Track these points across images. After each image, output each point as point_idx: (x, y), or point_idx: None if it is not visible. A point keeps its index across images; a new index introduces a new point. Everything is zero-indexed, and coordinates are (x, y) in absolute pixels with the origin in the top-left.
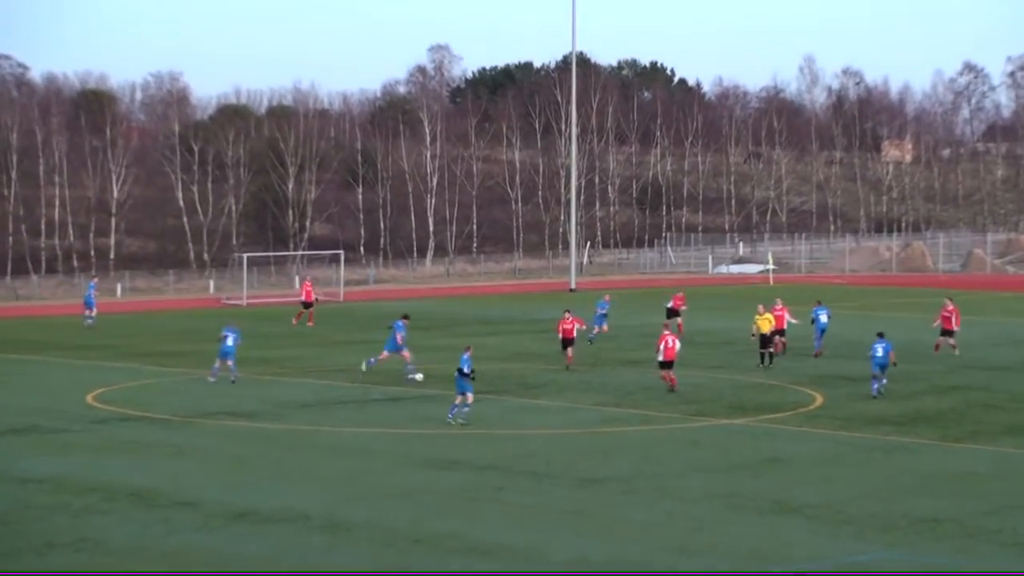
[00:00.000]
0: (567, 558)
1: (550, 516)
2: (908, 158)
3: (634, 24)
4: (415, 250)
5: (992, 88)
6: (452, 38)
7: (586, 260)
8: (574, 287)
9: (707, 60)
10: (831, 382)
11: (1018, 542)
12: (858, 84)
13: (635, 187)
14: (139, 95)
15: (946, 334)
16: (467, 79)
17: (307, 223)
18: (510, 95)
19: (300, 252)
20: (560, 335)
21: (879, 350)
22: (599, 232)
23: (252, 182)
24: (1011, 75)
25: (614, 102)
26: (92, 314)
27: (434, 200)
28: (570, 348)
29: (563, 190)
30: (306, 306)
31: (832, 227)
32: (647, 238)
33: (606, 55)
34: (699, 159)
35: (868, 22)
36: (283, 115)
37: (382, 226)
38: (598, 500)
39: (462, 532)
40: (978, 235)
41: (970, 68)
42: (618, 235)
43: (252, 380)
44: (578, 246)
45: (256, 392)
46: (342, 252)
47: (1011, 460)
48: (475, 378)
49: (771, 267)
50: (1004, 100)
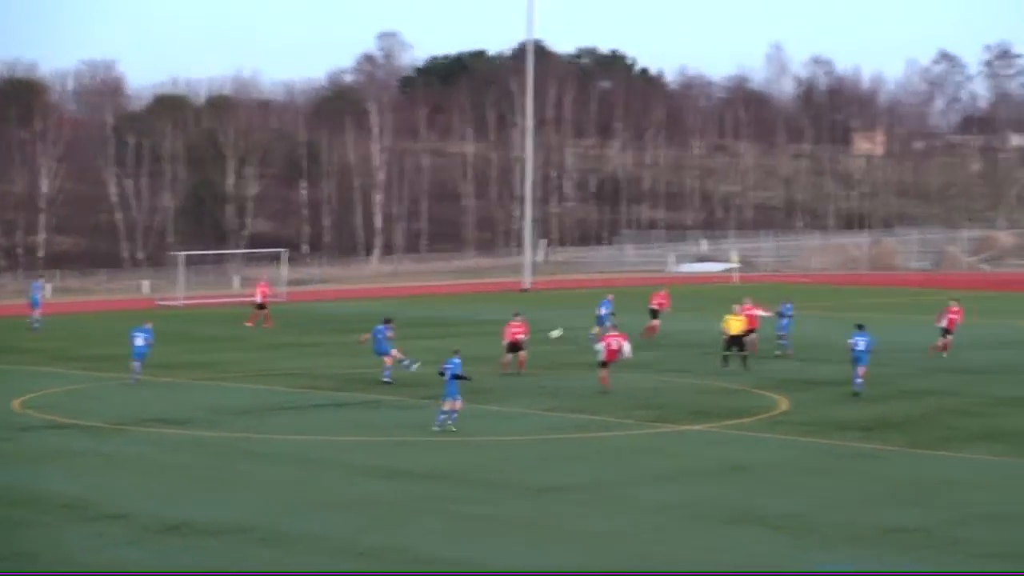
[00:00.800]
0: (522, 571)
1: (504, 527)
2: (880, 151)
3: (594, 11)
4: (361, 248)
5: (968, 78)
6: (402, 25)
7: (542, 258)
8: (528, 287)
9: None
10: (797, 386)
11: (988, 553)
12: (828, 74)
13: (592, 182)
14: (71, 84)
15: (946, 334)
16: (417, 68)
17: (248, 220)
18: (462, 85)
19: (240, 250)
20: (507, 339)
21: (860, 343)
22: (555, 229)
23: (190, 177)
24: (988, 64)
25: (572, 93)
26: (38, 315)
27: (381, 195)
28: (521, 352)
29: (518, 185)
30: (259, 307)
31: (800, 224)
32: (605, 235)
33: (564, 44)
34: (660, 152)
35: (839, 9)
36: (223, 106)
37: (326, 223)
38: (555, 510)
39: (410, 545)
40: (952, 232)
41: (945, 57)
42: (575, 232)
43: (187, 385)
44: (534, 244)
45: (191, 398)
46: (285, 251)
47: (983, 467)
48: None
49: (735, 266)
50: (981, 91)
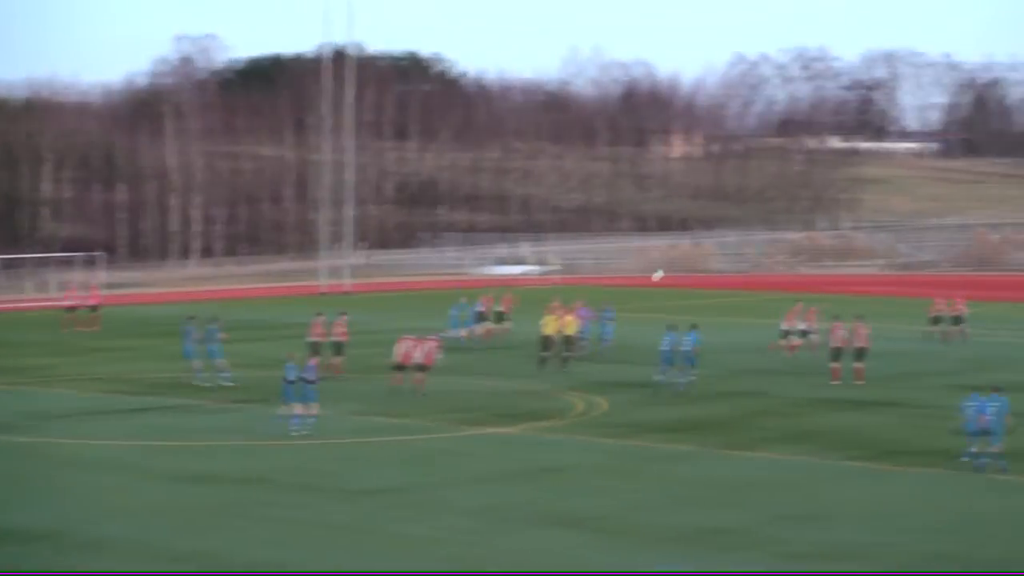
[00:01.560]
0: (341, 571)
1: (320, 531)
2: (682, 153)
3: (401, 14)
4: (163, 251)
5: (768, 81)
6: (208, 27)
7: (352, 262)
8: (325, 289)
9: (476, 51)
10: (610, 388)
11: (796, 553)
12: (632, 76)
13: (392, 185)
14: None
15: (787, 335)
16: (224, 70)
17: (45, 223)
18: (270, 88)
19: (39, 255)
20: (310, 337)
21: (687, 343)
22: (358, 232)
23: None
24: (806, 67)
25: (379, 96)
26: None
27: (184, 199)
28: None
29: (329, 189)
30: (92, 309)
31: (604, 226)
32: (413, 238)
33: (371, 46)
34: (468, 155)
35: (643, 11)
36: (19, 108)
37: (127, 227)
38: (370, 513)
39: (225, 550)
40: (768, 234)
41: (746, 60)
42: (382, 235)
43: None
44: (338, 247)
45: (3, 403)
46: (86, 254)
47: (790, 468)
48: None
49: (556, 268)
50: (781, 94)
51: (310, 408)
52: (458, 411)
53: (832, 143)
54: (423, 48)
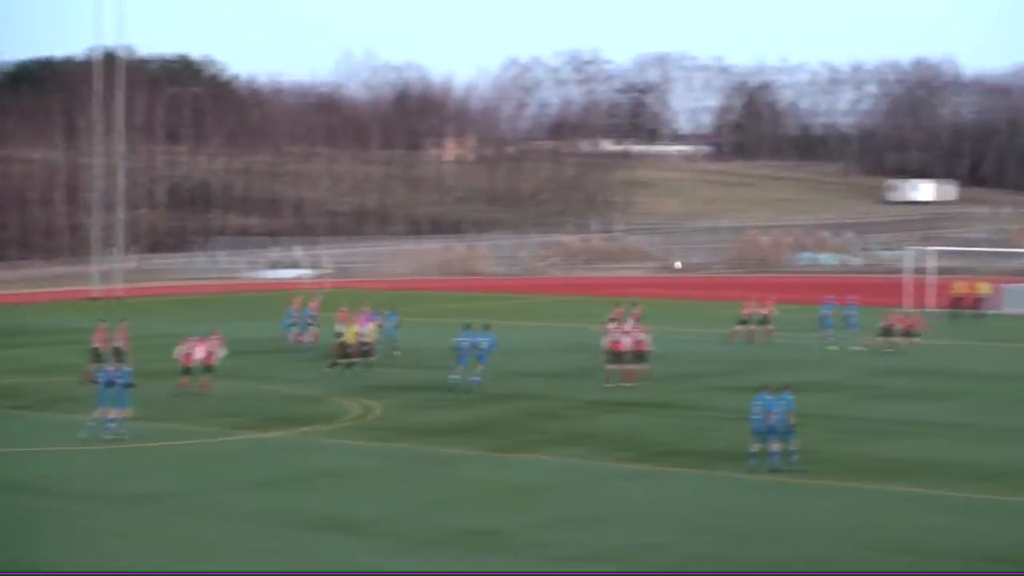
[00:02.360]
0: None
1: (98, 537)
2: (456, 156)
3: (172, 17)
4: None
5: (541, 84)
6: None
7: (124, 266)
8: (97, 294)
9: (248, 54)
10: (386, 392)
11: (568, 556)
12: (405, 79)
13: (164, 188)
14: None
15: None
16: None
17: None
18: (40, 90)
19: None
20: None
21: (483, 343)
22: (129, 236)
23: None
24: (578, 71)
25: (150, 99)
26: None
27: None
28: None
29: (100, 192)
30: None
31: (377, 229)
32: (185, 242)
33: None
34: (241, 158)
35: (416, 14)
36: None
37: None
38: (146, 519)
39: (10, 561)
40: (526, 236)
41: (518, 63)
42: (155, 239)
43: None
44: (110, 251)
45: None
46: None
47: (565, 470)
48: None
49: (327, 271)
50: (554, 98)
51: (123, 413)
52: (231, 415)
53: (605, 146)
54: (195, 51)
